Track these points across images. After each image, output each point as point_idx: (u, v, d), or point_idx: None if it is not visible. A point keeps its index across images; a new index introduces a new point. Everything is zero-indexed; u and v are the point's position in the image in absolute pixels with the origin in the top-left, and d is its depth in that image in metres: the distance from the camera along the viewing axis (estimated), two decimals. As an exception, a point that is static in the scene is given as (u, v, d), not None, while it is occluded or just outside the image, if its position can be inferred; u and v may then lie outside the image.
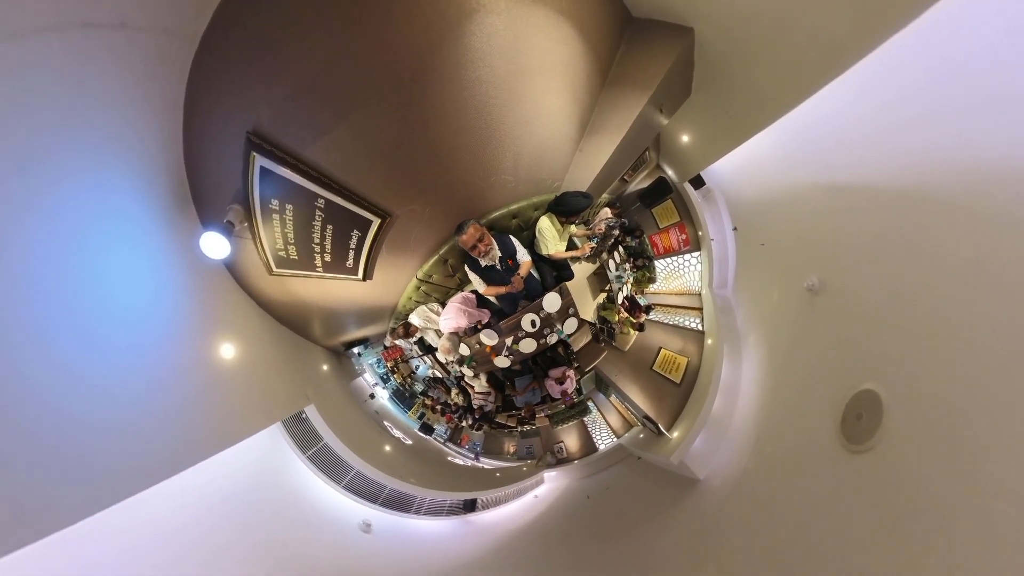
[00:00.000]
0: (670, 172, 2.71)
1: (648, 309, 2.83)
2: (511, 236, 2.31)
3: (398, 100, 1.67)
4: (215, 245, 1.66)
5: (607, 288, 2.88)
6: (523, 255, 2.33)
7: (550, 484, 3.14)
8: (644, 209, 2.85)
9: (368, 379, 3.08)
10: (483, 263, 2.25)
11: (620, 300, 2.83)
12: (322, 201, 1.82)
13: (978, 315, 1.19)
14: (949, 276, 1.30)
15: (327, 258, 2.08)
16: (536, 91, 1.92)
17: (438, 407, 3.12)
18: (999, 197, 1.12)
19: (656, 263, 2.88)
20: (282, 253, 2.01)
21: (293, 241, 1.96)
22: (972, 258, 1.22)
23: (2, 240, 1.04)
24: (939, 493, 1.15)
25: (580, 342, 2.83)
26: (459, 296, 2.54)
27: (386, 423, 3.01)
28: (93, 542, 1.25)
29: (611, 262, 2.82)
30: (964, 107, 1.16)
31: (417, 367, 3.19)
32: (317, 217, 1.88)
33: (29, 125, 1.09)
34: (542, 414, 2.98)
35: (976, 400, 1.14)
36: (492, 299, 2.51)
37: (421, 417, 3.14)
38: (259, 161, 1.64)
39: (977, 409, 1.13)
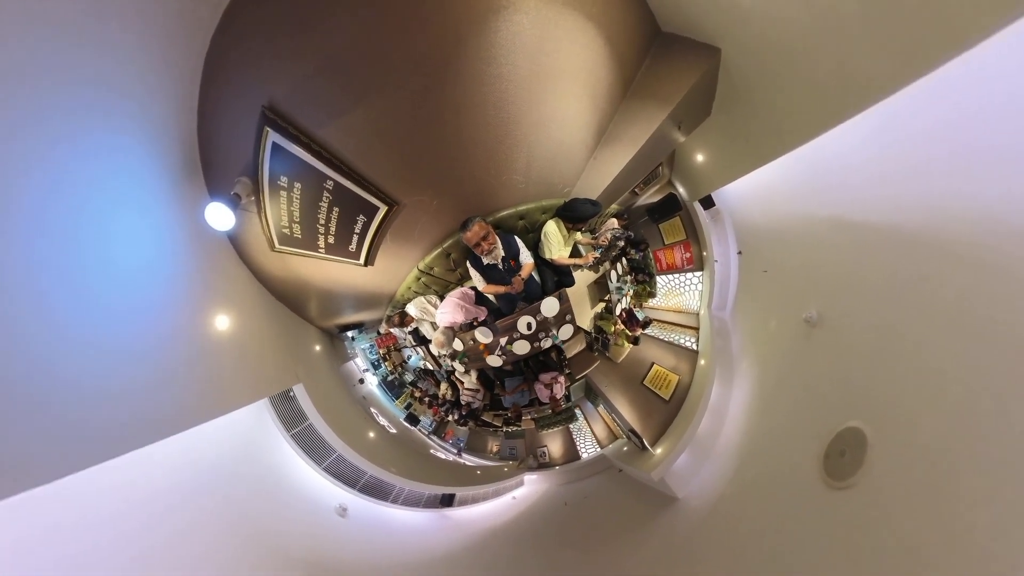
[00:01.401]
0: (681, 190, 2.70)
1: (645, 324, 2.83)
2: (516, 237, 2.30)
3: (417, 90, 1.66)
4: (220, 216, 1.66)
5: (606, 298, 2.87)
6: (526, 256, 2.33)
7: (529, 487, 3.15)
8: (651, 224, 2.84)
9: (359, 364, 3.07)
10: (485, 261, 2.25)
11: (618, 312, 2.83)
12: (331, 183, 1.81)
13: (969, 364, 1.20)
14: (945, 323, 1.31)
15: (330, 240, 2.07)
16: (556, 94, 1.91)
17: (426, 399, 3.12)
18: (1001, 250, 1.12)
19: (658, 278, 2.88)
20: (286, 230, 2.00)
21: (298, 220, 1.95)
22: (969, 308, 1.23)
23: (13, 188, 1.03)
24: (915, 535, 1.16)
25: (574, 349, 2.83)
26: (458, 291, 2.54)
27: (372, 410, 3.01)
28: (64, 502, 1.24)
29: (613, 273, 2.82)
30: (977, 158, 1.16)
31: (409, 357, 3.19)
32: (324, 198, 1.87)
33: (48, 79, 1.08)
34: (528, 417, 2.98)
35: (960, 447, 1.15)
36: (490, 297, 2.51)
37: (408, 407, 3.14)
38: (272, 136, 1.63)
39: (960, 456, 1.14)
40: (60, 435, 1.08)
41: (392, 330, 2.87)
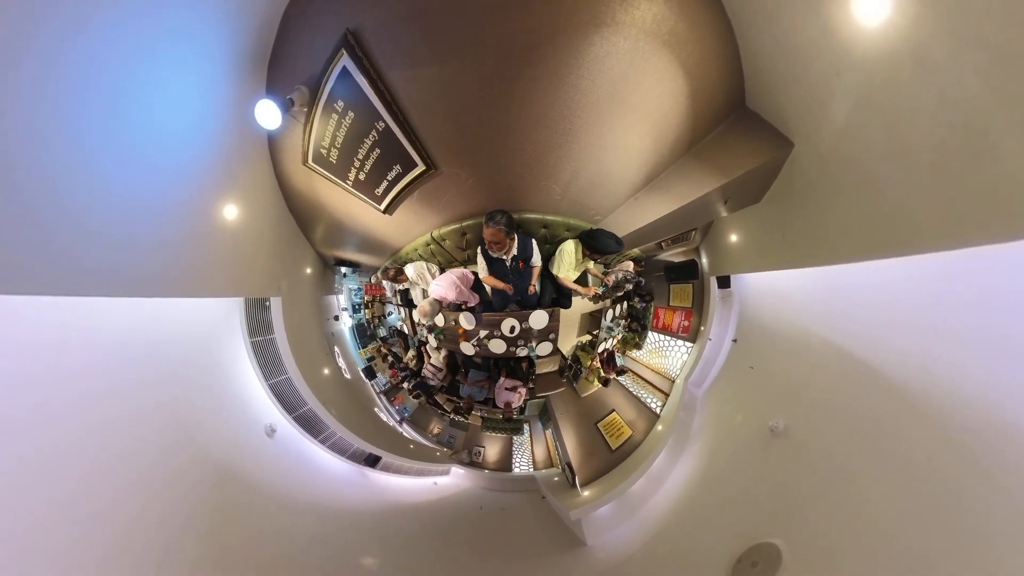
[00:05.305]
0: (705, 261, 2.71)
1: (621, 371, 2.83)
2: (534, 241, 2.31)
3: (496, 70, 1.67)
4: (269, 114, 1.67)
5: (594, 333, 2.88)
6: (536, 260, 2.34)
7: (454, 479, 3.15)
8: (664, 281, 2.84)
9: (340, 301, 3.07)
10: (494, 253, 2.26)
11: (600, 350, 2.83)
12: (382, 124, 1.82)
13: (906, 521, 1.22)
14: (893, 476, 1.34)
15: (361, 177, 2.08)
16: (623, 124, 1.92)
17: (389, 358, 3.13)
18: (967, 429, 1.15)
19: (649, 333, 2.88)
20: (323, 151, 2.01)
21: (338, 146, 1.96)
22: (922, 468, 1.26)
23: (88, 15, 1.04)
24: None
25: (545, 368, 2.83)
26: (459, 270, 2.54)
27: (336, 349, 3.01)
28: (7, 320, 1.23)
29: (609, 312, 2.82)
30: (982, 340, 1.17)
31: (390, 314, 3.19)
32: (371, 136, 1.88)
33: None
34: (478, 414, 2.98)
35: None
36: (487, 288, 2.51)
37: (370, 360, 3.14)
38: (344, 61, 1.64)
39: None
40: (56, 257, 1.09)
41: (384, 282, 2.88)
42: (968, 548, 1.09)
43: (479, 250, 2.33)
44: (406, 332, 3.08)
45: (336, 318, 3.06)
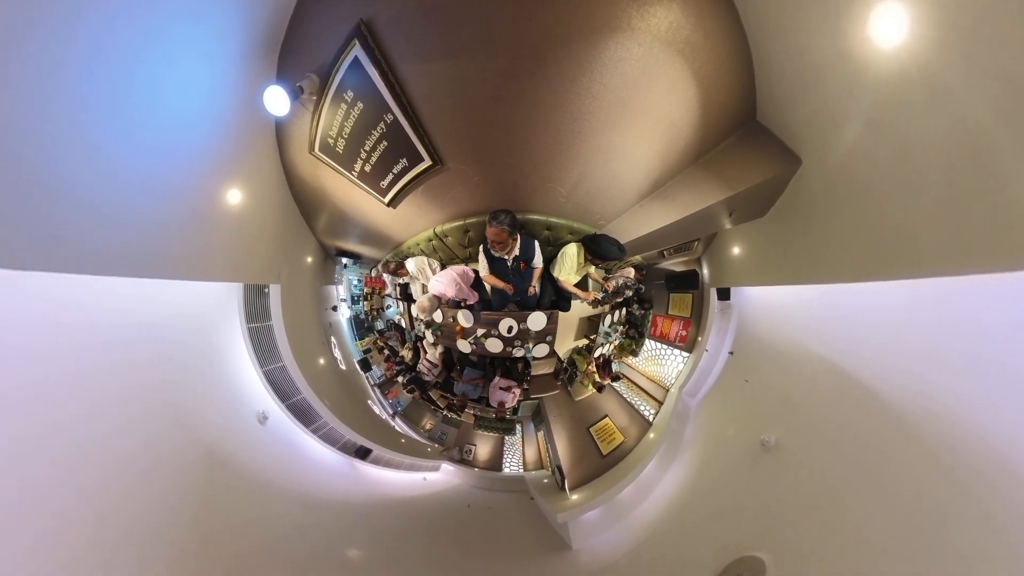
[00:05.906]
0: (706, 272, 2.71)
1: (616, 377, 2.83)
2: (537, 242, 2.31)
3: (508, 68, 1.67)
4: (277, 100, 1.66)
5: (591, 337, 2.88)
6: (538, 261, 2.34)
7: (443, 475, 3.16)
8: (664, 289, 2.84)
9: (340, 291, 3.07)
10: (496, 253, 2.26)
11: (596, 354, 2.83)
12: (391, 117, 1.81)
13: (889, 542, 1.23)
14: (883, 499, 1.34)
15: (367, 169, 2.07)
16: (632, 130, 1.92)
17: (385, 351, 3.13)
18: (953, 451, 1.15)
19: (646, 341, 2.88)
20: (330, 141, 2.00)
21: (346, 136, 1.95)
22: (904, 487, 1.28)
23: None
24: None
25: (540, 369, 2.83)
26: (460, 267, 2.54)
27: (333, 339, 3.01)
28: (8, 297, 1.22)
29: (608, 317, 2.82)
30: (986, 372, 1.17)
31: (388, 307, 3.19)
32: (379, 129, 1.87)
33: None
34: (471, 412, 2.98)
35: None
36: (486, 287, 2.51)
37: (366, 352, 3.14)
38: (356, 51, 1.63)
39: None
40: (56, 234, 1.08)
41: (384, 275, 2.87)
42: (951, 570, 1.09)
43: (481, 248, 2.33)
44: (404, 326, 3.08)
45: (334, 308, 3.05)
